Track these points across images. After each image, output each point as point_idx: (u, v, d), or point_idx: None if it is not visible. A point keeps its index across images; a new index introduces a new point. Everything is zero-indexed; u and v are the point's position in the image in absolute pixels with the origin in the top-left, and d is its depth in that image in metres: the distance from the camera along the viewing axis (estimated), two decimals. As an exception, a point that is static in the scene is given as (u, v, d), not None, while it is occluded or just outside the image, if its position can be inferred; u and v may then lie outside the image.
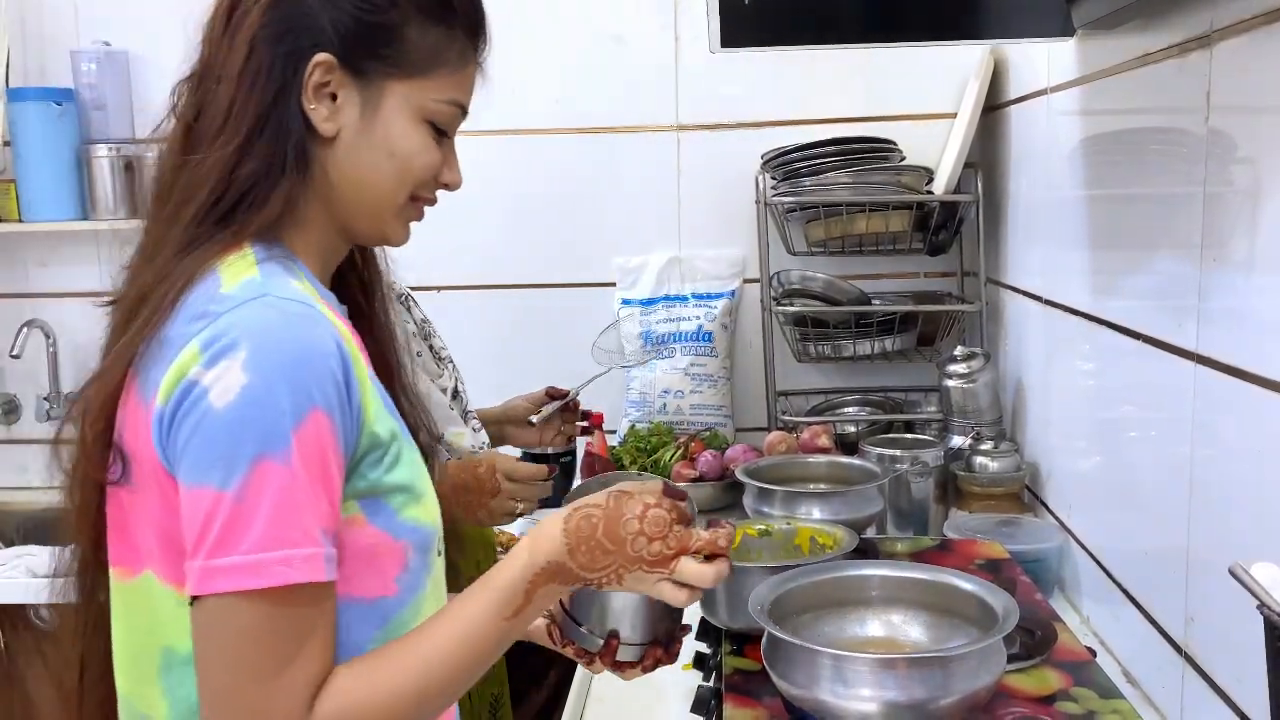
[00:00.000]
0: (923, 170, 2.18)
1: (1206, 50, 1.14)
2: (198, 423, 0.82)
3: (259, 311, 0.85)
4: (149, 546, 0.90)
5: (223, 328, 0.84)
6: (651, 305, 2.38)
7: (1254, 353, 1.06)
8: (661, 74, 2.35)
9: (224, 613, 0.83)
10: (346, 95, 0.94)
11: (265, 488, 0.82)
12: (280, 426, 0.82)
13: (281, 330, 0.85)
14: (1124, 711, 1.13)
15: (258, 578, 0.82)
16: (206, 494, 0.82)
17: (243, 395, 0.82)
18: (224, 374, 0.82)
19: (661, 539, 0.93)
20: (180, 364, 0.84)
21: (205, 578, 0.82)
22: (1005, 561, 1.53)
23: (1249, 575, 0.75)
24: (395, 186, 0.98)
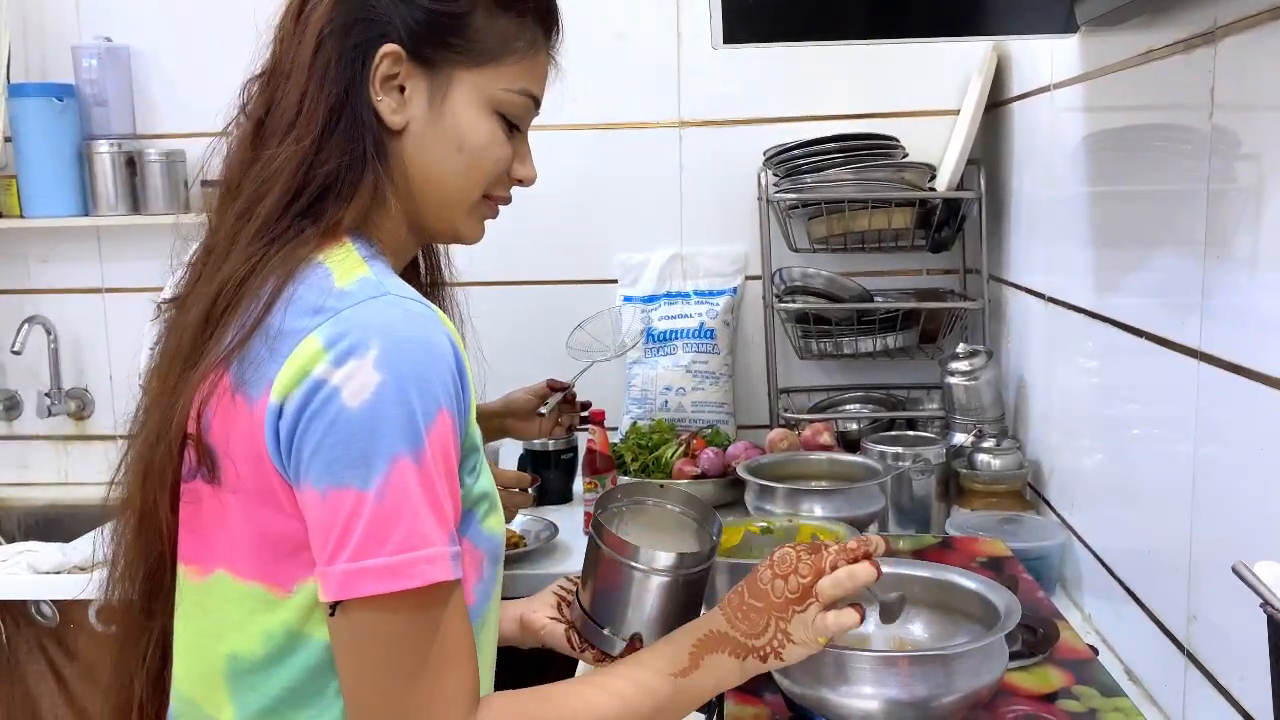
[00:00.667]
0: (925, 167, 2.17)
1: (1210, 47, 1.14)
2: (332, 423, 0.80)
3: (384, 309, 0.84)
4: (228, 545, 0.88)
5: (347, 325, 0.82)
6: (653, 302, 2.38)
7: (1257, 350, 1.06)
8: (663, 70, 2.34)
9: (371, 617, 0.81)
10: (414, 86, 0.93)
11: (406, 488, 0.80)
12: (415, 425, 0.81)
13: (407, 329, 0.83)
14: (1126, 709, 1.13)
15: (404, 579, 0.80)
16: (347, 495, 0.80)
17: (378, 394, 0.80)
18: (356, 372, 0.81)
19: (794, 571, 0.94)
20: (301, 360, 0.82)
21: (349, 581, 0.80)
22: (1007, 559, 1.53)
23: (1253, 574, 0.75)
24: (465, 181, 0.97)
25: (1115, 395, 1.49)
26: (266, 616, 0.87)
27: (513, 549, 1.92)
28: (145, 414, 0.93)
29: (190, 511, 0.91)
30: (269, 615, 0.87)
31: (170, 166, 2.37)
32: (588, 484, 2.03)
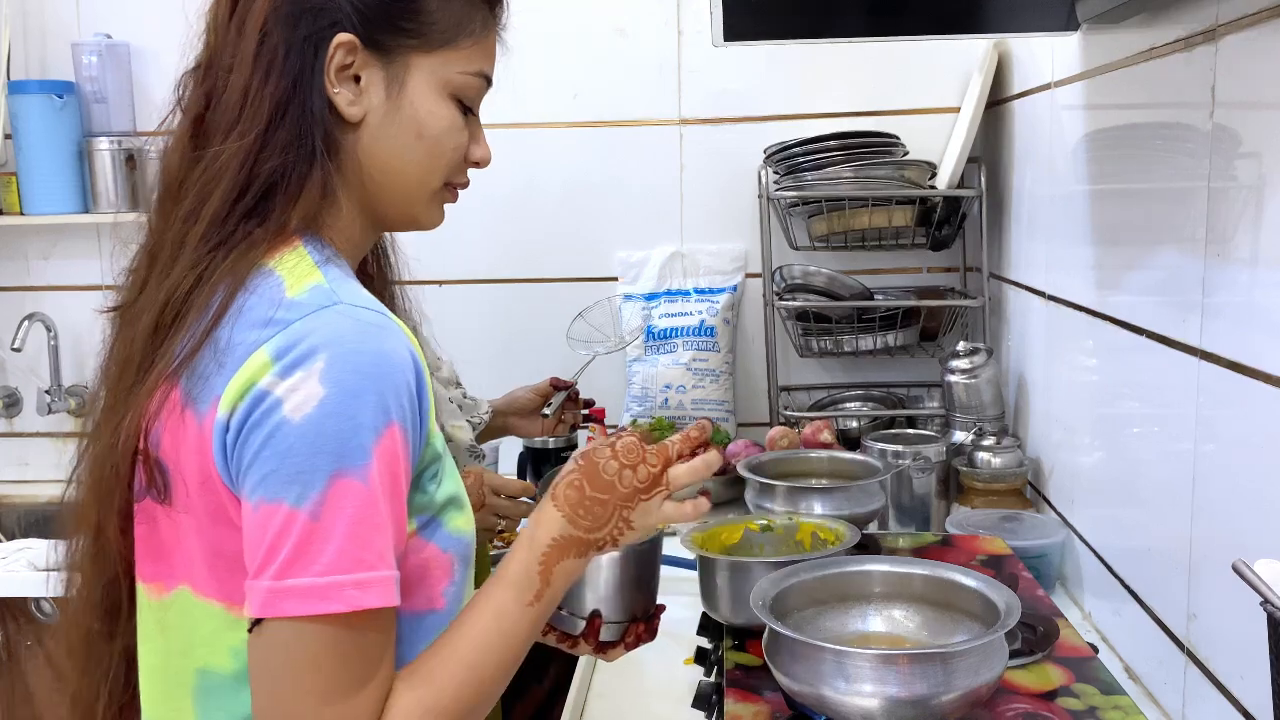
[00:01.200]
0: (926, 165, 2.17)
1: (1211, 45, 1.14)
2: (270, 435, 0.78)
3: (334, 320, 0.81)
4: (187, 562, 0.85)
5: (296, 336, 0.79)
6: (654, 299, 2.38)
7: (1257, 348, 1.06)
8: (664, 68, 2.34)
9: (289, 637, 0.78)
10: (370, 76, 0.89)
11: (343, 506, 0.77)
12: (360, 441, 0.78)
13: (358, 340, 0.80)
14: (1126, 707, 1.13)
15: (329, 602, 0.77)
16: (279, 511, 0.77)
17: (321, 408, 0.77)
18: (300, 385, 0.78)
19: (642, 461, 0.94)
20: (248, 373, 0.79)
21: (271, 599, 0.77)
22: (1007, 557, 1.53)
23: (1253, 572, 0.75)
24: (427, 169, 0.93)
25: (1115, 393, 1.49)
26: (231, 634, 0.84)
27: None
28: (94, 430, 0.89)
29: (146, 530, 0.88)
30: (233, 632, 0.84)
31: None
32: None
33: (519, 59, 2.65)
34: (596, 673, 1.46)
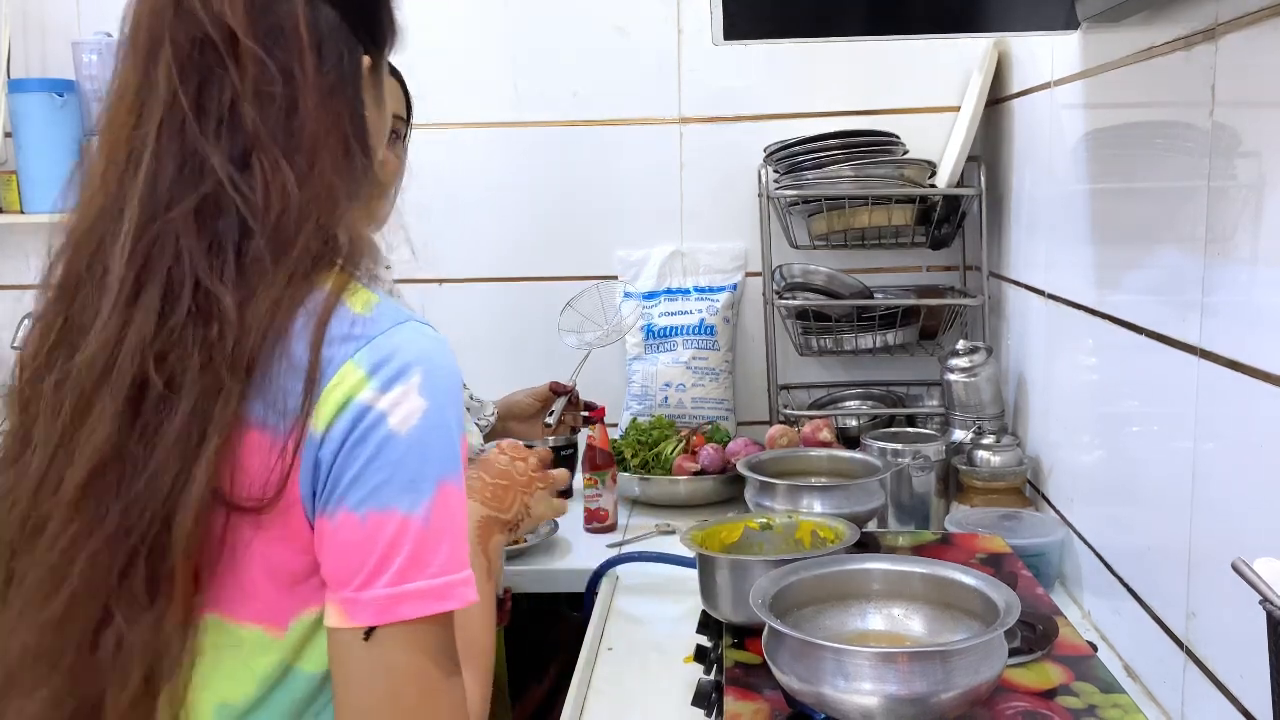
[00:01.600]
0: (925, 164, 2.17)
1: (1211, 44, 1.14)
2: (379, 447, 0.79)
3: (416, 335, 0.83)
4: (220, 586, 0.82)
5: (387, 351, 0.81)
6: (653, 298, 2.38)
7: (1257, 347, 1.06)
8: (664, 66, 2.34)
9: (406, 640, 0.80)
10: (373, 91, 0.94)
11: (448, 511, 0.81)
12: (455, 450, 0.83)
13: (441, 355, 0.84)
14: (1125, 706, 1.13)
15: (446, 601, 0.81)
16: (391, 518, 0.79)
17: (425, 420, 0.80)
18: (403, 399, 0.80)
19: (525, 457, 1.22)
20: (344, 388, 0.80)
21: (390, 605, 0.79)
22: (1006, 556, 1.53)
23: (1252, 570, 0.75)
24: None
25: (1115, 392, 1.49)
26: (261, 658, 0.84)
27: (512, 545, 1.92)
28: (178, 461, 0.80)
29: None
30: (263, 657, 0.84)
31: (170, 162, 2.36)
32: (588, 480, 2.03)
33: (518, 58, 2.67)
34: (597, 671, 1.47)
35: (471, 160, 2.38)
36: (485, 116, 2.38)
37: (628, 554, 1.79)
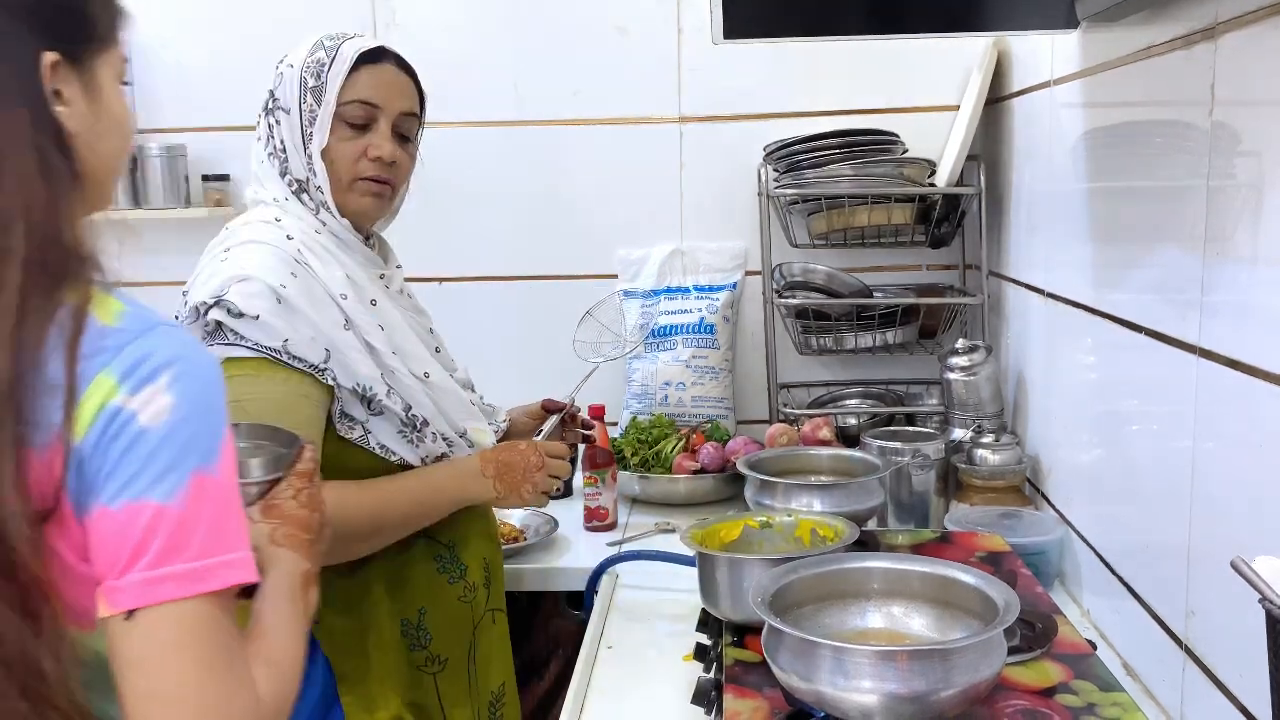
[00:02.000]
0: (925, 163, 2.18)
1: (1211, 43, 1.14)
2: (131, 444, 0.83)
3: (165, 339, 0.86)
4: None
5: (137, 358, 0.84)
6: (653, 297, 2.38)
7: (1256, 346, 1.06)
8: (664, 66, 2.34)
9: (170, 619, 0.83)
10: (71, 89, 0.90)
11: (203, 499, 0.84)
12: (214, 444, 0.86)
13: (193, 354, 0.88)
14: (1124, 704, 1.13)
15: (205, 582, 0.84)
16: (146, 508, 0.82)
17: (175, 414, 0.84)
18: (152, 398, 0.83)
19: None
20: (96, 398, 0.83)
21: (148, 587, 0.82)
22: (1006, 554, 1.53)
23: (1251, 569, 0.75)
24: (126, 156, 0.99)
25: (1114, 391, 1.49)
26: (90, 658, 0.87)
27: (512, 543, 1.92)
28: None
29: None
30: (89, 655, 0.87)
31: (171, 161, 2.36)
32: (588, 479, 2.04)
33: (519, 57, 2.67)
34: (597, 670, 1.47)
35: (472, 159, 2.38)
36: (486, 115, 2.38)
37: (628, 552, 1.79)
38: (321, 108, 1.41)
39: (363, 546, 1.38)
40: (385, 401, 1.38)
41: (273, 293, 1.31)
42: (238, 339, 1.30)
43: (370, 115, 1.43)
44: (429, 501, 1.43)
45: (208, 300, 1.30)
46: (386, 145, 1.44)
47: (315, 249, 1.40)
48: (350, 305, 1.39)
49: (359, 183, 1.44)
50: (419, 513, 1.43)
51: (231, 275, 1.31)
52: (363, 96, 1.42)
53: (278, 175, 1.45)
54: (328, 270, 1.39)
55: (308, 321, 1.33)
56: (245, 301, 1.30)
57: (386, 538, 1.41)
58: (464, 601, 1.52)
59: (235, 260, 1.34)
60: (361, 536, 1.37)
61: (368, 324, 1.40)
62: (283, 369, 1.31)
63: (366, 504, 1.36)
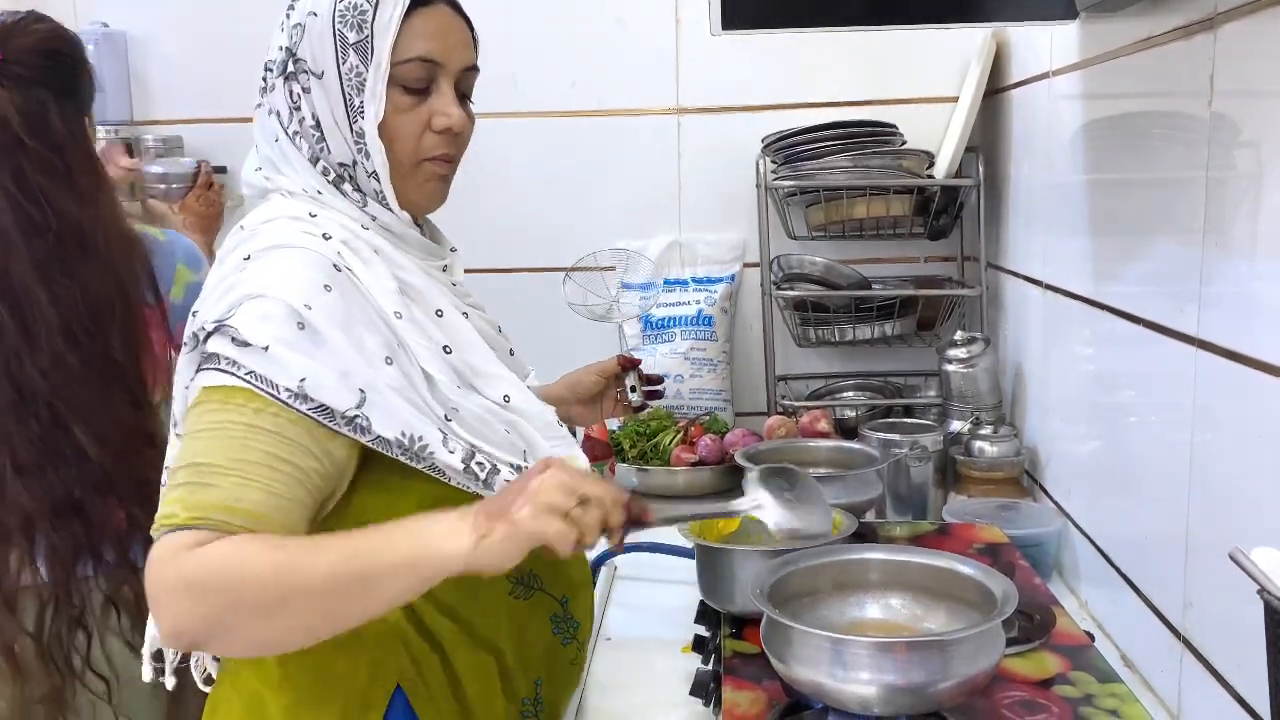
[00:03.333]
0: (923, 154, 2.17)
1: (1210, 33, 1.14)
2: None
3: None
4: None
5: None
6: (651, 289, 2.37)
7: (1255, 338, 1.06)
8: (662, 57, 2.34)
9: None
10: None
11: None
12: None
13: None
14: (1122, 695, 1.13)
15: None
16: None
17: None
18: None
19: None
20: None
21: None
22: (1004, 546, 1.53)
23: (1249, 560, 0.75)
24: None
25: (1112, 382, 1.49)
26: None
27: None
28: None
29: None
30: None
31: (168, 153, 2.36)
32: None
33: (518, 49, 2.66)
34: (595, 661, 1.47)
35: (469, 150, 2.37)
36: (483, 106, 2.34)
37: (626, 544, 1.79)
38: (371, 69, 1.10)
39: (262, 626, 0.95)
40: (437, 455, 1.05)
41: (293, 315, 1.01)
42: (232, 368, 1.00)
43: (431, 75, 1.15)
44: (366, 554, 0.95)
45: (207, 325, 1.02)
46: (455, 111, 1.17)
47: (361, 251, 1.11)
48: (404, 326, 1.09)
49: (424, 165, 1.17)
50: (350, 572, 0.94)
51: (246, 292, 1.03)
52: (422, 53, 1.12)
53: (307, 160, 1.14)
54: (377, 280, 1.09)
55: (341, 353, 1.02)
56: (254, 327, 1.00)
57: (301, 614, 0.95)
58: (574, 665, 1.26)
59: (256, 271, 1.05)
60: (261, 606, 0.94)
61: (427, 348, 1.10)
62: (276, 409, 0.99)
63: (271, 558, 0.94)
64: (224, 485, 0.96)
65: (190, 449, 0.99)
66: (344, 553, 0.95)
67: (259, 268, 1.05)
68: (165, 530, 0.95)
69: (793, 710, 1.11)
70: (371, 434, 1.02)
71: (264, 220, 1.12)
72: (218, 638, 0.96)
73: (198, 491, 0.96)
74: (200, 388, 1.01)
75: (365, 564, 0.94)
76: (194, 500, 0.96)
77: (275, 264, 1.06)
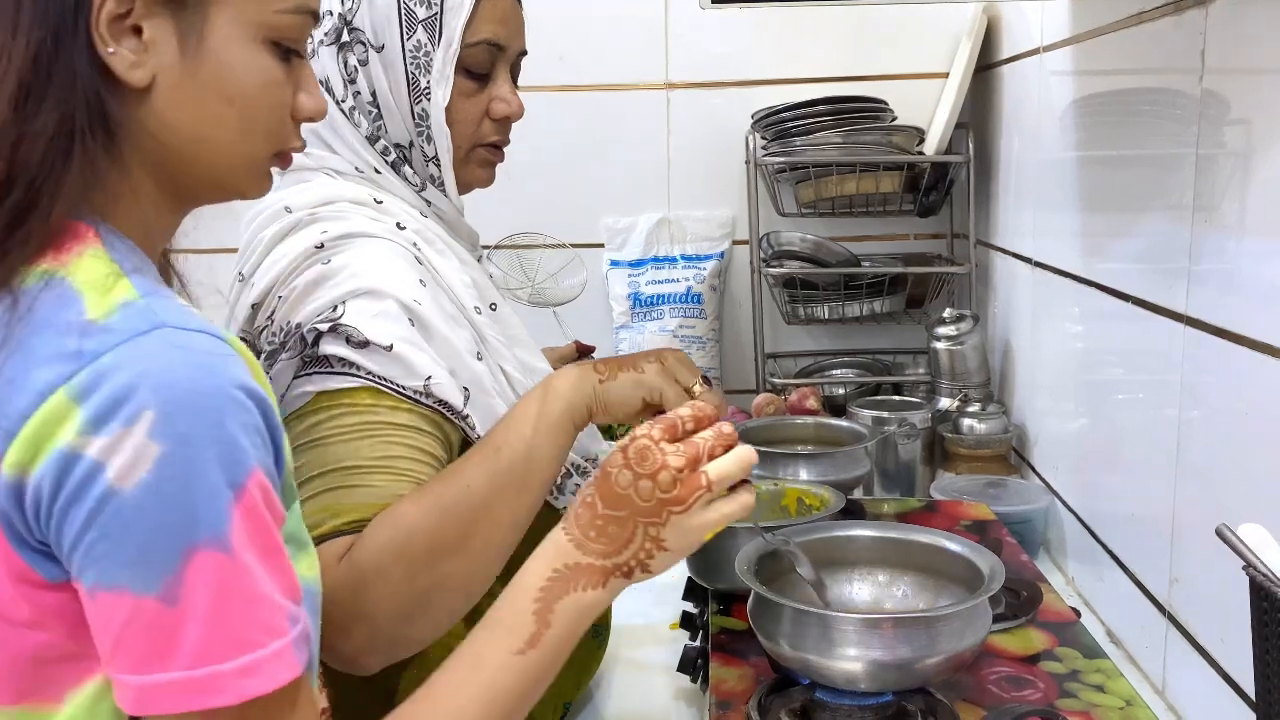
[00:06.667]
0: (914, 130, 2.16)
1: (1201, 9, 1.13)
2: (97, 509, 0.61)
3: (159, 351, 0.63)
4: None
5: (108, 375, 0.62)
6: (640, 266, 2.37)
7: (1243, 315, 1.06)
8: (651, 31, 2.32)
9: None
10: (157, 27, 0.69)
11: (202, 585, 0.62)
12: (215, 504, 0.63)
13: (194, 377, 0.63)
14: (1107, 670, 1.14)
15: (211, 695, 0.63)
16: (122, 600, 0.62)
17: (159, 470, 0.61)
18: (123, 442, 0.61)
19: (663, 466, 0.79)
20: (45, 425, 0.61)
21: (140, 697, 0.64)
22: (991, 523, 1.54)
23: (1236, 537, 0.75)
24: (241, 138, 0.74)
25: (1101, 360, 1.49)
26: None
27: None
28: None
29: None
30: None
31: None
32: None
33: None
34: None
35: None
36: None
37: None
38: (439, 49, 1.07)
39: (462, 562, 0.92)
40: None
41: (406, 312, 0.98)
42: (352, 370, 0.95)
43: (494, 59, 1.13)
44: (506, 444, 0.94)
45: (318, 325, 0.95)
46: (515, 99, 1.16)
47: (434, 241, 1.08)
48: (483, 322, 1.08)
49: (478, 150, 1.15)
50: (502, 464, 0.93)
51: (351, 288, 0.97)
52: (489, 36, 1.10)
53: (363, 138, 1.09)
54: (454, 273, 1.07)
55: (447, 349, 1.01)
56: (372, 326, 0.95)
57: (487, 528, 0.93)
58: (600, 648, 1.28)
59: (346, 262, 0.99)
60: (455, 540, 0.91)
61: (499, 344, 1.09)
62: (408, 405, 0.96)
63: (429, 499, 0.93)
64: (377, 484, 0.92)
65: (322, 456, 0.93)
66: (485, 454, 0.93)
67: (347, 258, 0.99)
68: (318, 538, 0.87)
69: (780, 686, 1.11)
70: (475, 431, 1.01)
71: (322, 201, 1.05)
72: (435, 595, 0.90)
73: (346, 495, 0.91)
74: (312, 394, 0.95)
75: (513, 452, 0.92)
76: (348, 504, 0.91)
77: (367, 255, 1.00)
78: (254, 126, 0.74)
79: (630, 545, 0.80)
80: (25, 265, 0.66)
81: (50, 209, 0.66)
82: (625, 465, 0.80)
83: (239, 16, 0.71)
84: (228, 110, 0.72)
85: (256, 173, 0.78)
